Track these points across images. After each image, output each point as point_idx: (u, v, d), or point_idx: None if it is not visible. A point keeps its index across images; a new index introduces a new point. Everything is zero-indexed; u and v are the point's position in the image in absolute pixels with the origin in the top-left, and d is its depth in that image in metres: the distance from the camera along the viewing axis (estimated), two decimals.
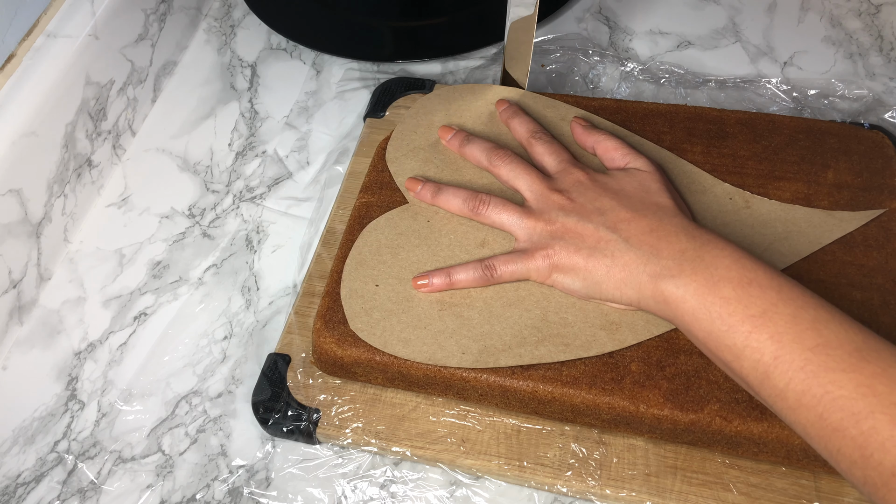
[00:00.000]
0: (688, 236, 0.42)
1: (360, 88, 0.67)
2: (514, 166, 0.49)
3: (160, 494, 0.47)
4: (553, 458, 0.45)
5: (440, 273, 0.47)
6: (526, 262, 0.45)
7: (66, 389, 0.51)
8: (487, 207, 0.48)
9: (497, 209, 0.48)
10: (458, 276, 0.46)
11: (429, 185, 0.51)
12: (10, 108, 0.52)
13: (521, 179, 0.49)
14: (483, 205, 0.48)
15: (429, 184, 0.51)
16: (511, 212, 0.47)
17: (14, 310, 0.53)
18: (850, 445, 0.32)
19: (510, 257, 0.46)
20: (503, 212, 0.48)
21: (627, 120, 0.55)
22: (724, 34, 0.69)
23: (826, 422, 0.33)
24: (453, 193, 0.50)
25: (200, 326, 0.54)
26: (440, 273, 0.47)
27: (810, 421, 0.34)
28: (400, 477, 0.46)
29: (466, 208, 0.49)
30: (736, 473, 0.44)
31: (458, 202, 0.49)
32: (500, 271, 0.46)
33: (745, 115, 0.55)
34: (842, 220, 0.49)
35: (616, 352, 0.44)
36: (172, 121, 0.66)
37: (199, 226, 0.59)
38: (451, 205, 0.49)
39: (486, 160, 0.51)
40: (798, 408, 0.34)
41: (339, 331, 0.46)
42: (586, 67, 0.66)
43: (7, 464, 0.48)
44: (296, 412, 0.47)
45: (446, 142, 0.54)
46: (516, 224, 0.47)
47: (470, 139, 0.52)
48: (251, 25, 0.73)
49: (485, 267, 0.46)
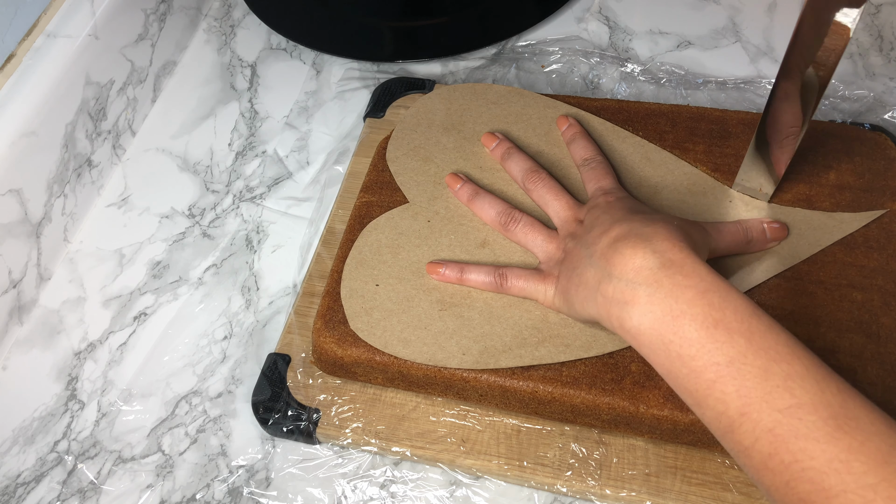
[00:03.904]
0: (649, 251, 0.36)
1: (360, 88, 0.67)
2: (545, 192, 0.48)
3: (160, 494, 0.47)
4: (553, 458, 0.45)
5: (455, 267, 0.47)
6: (536, 283, 0.45)
7: (66, 389, 0.51)
8: (518, 225, 0.48)
9: (525, 229, 0.47)
10: (469, 275, 0.46)
11: (468, 186, 0.50)
12: (10, 108, 0.52)
13: (550, 206, 0.48)
14: (514, 222, 0.48)
15: (468, 185, 0.51)
16: (537, 234, 0.47)
17: (14, 310, 0.53)
18: None
19: (525, 273, 0.45)
20: (529, 232, 0.47)
21: (629, 120, 0.55)
22: (724, 34, 0.69)
23: (793, 491, 0.30)
24: (490, 203, 0.49)
25: (200, 326, 0.54)
26: (455, 267, 0.47)
27: (776, 486, 0.31)
28: (400, 477, 0.46)
29: (498, 222, 0.48)
30: (736, 473, 0.43)
31: (492, 214, 0.49)
32: (511, 283, 0.45)
33: (748, 115, 0.55)
34: (842, 221, 0.49)
35: (616, 352, 0.44)
36: (172, 121, 0.66)
37: (199, 226, 0.59)
38: (485, 214, 0.49)
39: (521, 179, 0.50)
40: (763, 470, 0.31)
41: (339, 331, 0.46)
42: (586, 68, 0.66)
43: (7, 464, 0.48)
44: (296, 412, 0.47)
45: (490, 150, 0.53)
46: (539, 247, 0.47)
47: (511, 153, 0.51)
48: (251, 25, 0.73)
49: (498, 275, 0.46)
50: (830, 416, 0.30)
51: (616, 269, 0.37)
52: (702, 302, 0.34)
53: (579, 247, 0.42)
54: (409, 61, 0.68)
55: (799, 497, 0.30)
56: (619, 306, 0.36)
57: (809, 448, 0.30)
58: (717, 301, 0.34)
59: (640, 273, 0.36)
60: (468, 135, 0.55)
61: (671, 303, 0.34)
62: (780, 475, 0.30)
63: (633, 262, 0.36)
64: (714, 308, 0.33)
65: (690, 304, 0.34)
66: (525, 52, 0.67)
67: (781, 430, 0.30)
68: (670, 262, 0.35)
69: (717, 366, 0.32)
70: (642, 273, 0.36)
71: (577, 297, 0.40)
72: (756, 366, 0.32)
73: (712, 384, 0.33)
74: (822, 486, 0.29)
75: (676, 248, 0.36)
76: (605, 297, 0.37)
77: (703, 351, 0.33)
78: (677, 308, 0.34)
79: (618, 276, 0.37)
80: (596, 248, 0.39)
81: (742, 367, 0.32)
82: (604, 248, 0.39)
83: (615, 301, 0.36)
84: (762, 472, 0.31)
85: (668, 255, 0.36)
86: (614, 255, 0.37)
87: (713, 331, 0.33)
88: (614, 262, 0.37)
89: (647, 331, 0.35)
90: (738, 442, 0.32)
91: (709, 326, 0.33)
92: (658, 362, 0.35)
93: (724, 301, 0.34)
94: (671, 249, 0.36)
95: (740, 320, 0.33)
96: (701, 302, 0.34)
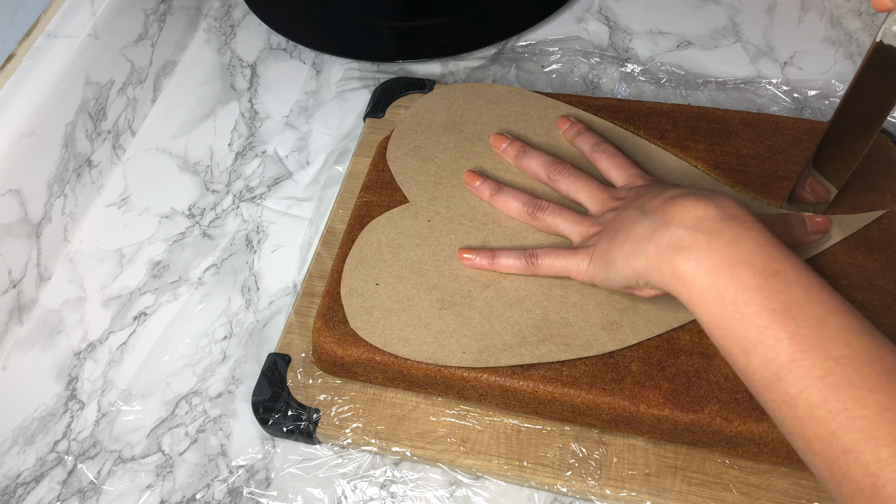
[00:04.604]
0: (710, 203, 0.37)
1: (360, 88, 0.67)
2: (573, 179, 0.48)
3: (160, 494, 0.47)
4: (553, 458, 0.45)
5: (486, 253, 0.47)
6: (567, 259, 0.44)
7: (66, 389, 0.51)
8: (545, 212, 0.47)
9: (554, 213, 0.47)
10: (501, 259, 0.46)
11: (488, 182, 0.50)
12: (10, 108, 0.52)
13: (582, 192, 0.48)
14: (541, 210, 0.48)
15: (488, 181, 0.50)
16: (567, 217, 0.47)
17: (14, 310, 0.53)
18: (860, 471, 0.29)
19: (555, 251, 0.45)
20: (559, 216, 0.47)
21: (630, 118, 0.55)
22: (724, 34, 0.69)
23: (838, 441, 0.30)
24: (513, 196, 0.49)
25: (200, 326, 0.54)
26: (486, 253, 0.47)
27: (819, 436, 0.31)
28: (400, 477, 0.46)
29: (525, 212, 0.48)
30: (736, 473, 0.43)
31: (518, 205, 0.49)
32: (541, 262, 0.45)
33: (749, 115, 0.55)
34: (842, 222, 0.49)
35: (616, 352, 0.44)
36: (172, 121, 0.66)
37: (199, 226, 0.59)
38: (510, 207, 0.49)
39: (544, 174, 0.50)
40: (807, 419, 0.31)
41: (339, 330, 0.46)
42: (586, 68, 0.66)
43: (7, 464, 0.48)
44: (296, 412, 0.47)
45: (500, 151, 0.53)
46: (571, 229, 0.46)
47: (527, 151, 0.51)
48: (251, 25, 0.73)
49: (528, 255, 0.46)
50: (885, 371, 0.30)
51: (675, 218, 0.37)
52: (762, 253, 0.34)
53: (625, 211, 0.42)
54: (409, 61, 0.68)
55: (844, 448, 0.30)
56: (675, 252, 0.36)
57: (863, 397, 0.30)
58: (777, 254, 0.34)
59: (701, 222, 0.36)
60: (468, 134, 0.55)
61: (731, 250, 0.34)
62: (826, 425, 0.30)
63: (696, 211, 0.36)
64: (773, 260, 0.34)
65: (750, 253, 0.34)
66: (525, 52, 0.67)
67: (833, 378, 0.30)
68: (732, 216, 0.36)
69: (773, 312, 0.33)
70: (704, 222, 0.36)
71: (622, 253, 0.39)
72: (812, 316, 0.32)
73: (765, 329, 0.33)
74: (871, 435, 0.29)
75: (738, 206, 0.37)
76: (659, 245, 0.37)
77: (759, 297, 0.33)
78: (737, 255, 0.34)
79: (676, 223, 0.37)
80: (650, 206, 0.39)
81: (798, 315, 0.32)
82: (659, 203, 0.39)
83: (670, 247, 0.36)
84: (805, 421, 0.31)
85: (730, 209, 0.36)
86: (673, 207, 0.37)
87: (772, 279, 0.33)
88: (673, 212, 0.37)
89: (703, 275, 0.35)
90: (784, 391, 0.32)
91: (767, 275, 0.33)
92: (707, 309, 0.35)
93: (784, 255, 0.34)
94: (733, 206, 0.37)
95: (798, 273, 0.33)
96: (761, 253, 0.34)
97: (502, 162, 0.53)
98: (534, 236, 0.49)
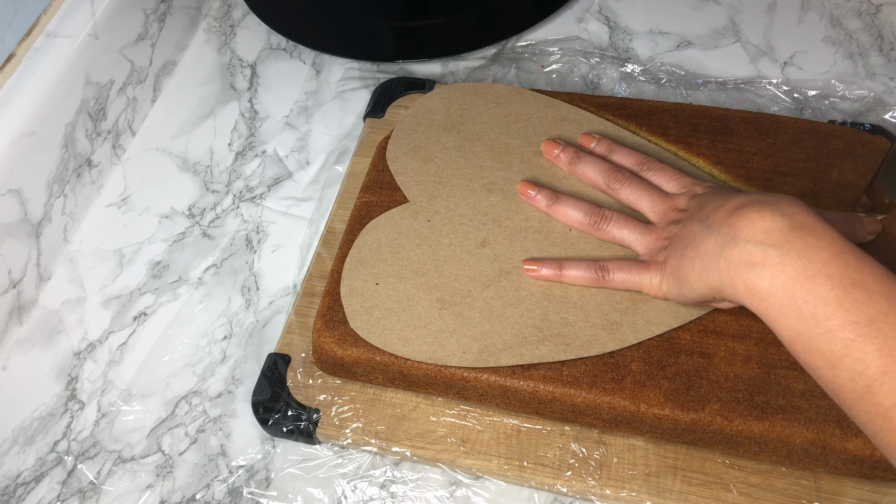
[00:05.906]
0: (777, 213, 0.35)
1: (360, 88, 0.67)
2: (635, 188, 0.47)
3: (160, 494, 0.47)
4: (553, 458, 0.45)
5: (552, 264, 0.46)
6: (640, 273, 0.44)
7: (66, 389, 0.51)
8: (609, 223, 0.46)
9: (619, 224, 0.46)
10: (569, 270, 0.45)
11: (545, 192, 0.49)
12: (10, 108, 0.52)
13: (643, 201, 0.46)
14: (605, 220, 0.47)
15: (545, 191, 0.49)
16: (633, 228, 0.46)
17: (14, 310, 0.53)
18: None
19: (627, 265, 0.44)
20: (625, 227, 0.46)
21: (632, 116, 0.55)
22: (724, 34, 0.69)
23: None
24: (573, 206, 0.48)
25: (200, 326, 0.54)
26: (552, 264, 0.46)
27: None
28: (400, 477, 0.46)
29: (587, 222, 0.47)
30: (736, 473, 0.43)
31: (579, 215, 0.47)
32: (613, 276, 0.44)
33: (750, 114, 0.55)
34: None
35: (617, 351, 0.44)
36: (172, 121, 0.66)
37: (199, 226, 0.59)
38: (571, 217, 0.48)
39: (603, 182, 0.49)
40: None
41: (339, 330, 0.46)
42: (586, 68, 0.66)
43: (7, 464, 0.48)
44: (296, 412, 0.47)
45: (552, 157, 0.51)
46: (636, 240, 0.45)
47: (581, 157, 0.50)
48: (251, 25, 0.73)
49: (598, 268, 0.45)
50: None
51: (742, 232, 0.36)
52: (837, 262, 0.33)
53: (690, 224, 0.41)
54: (409, 61, 0.68)
55: None
56: (747, 269, 0.35)
57: None
58: (853, 262, 0.33)
59: (769, 235, 0.35)
60: (468, 134, 0.55)
61: (805, 263, 0.33)
62: None
63: (762, 223, 0.35)
64: (850, 269, 0.33)
65: (825, 265, 0.33)
66: (525, 52, 0.67)
67: None
68: (800, 225, 0.35)
69: (857, 325, 0.32)
70: (772, 235, 0.35)
71: (694, 270, 0.39)
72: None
73: (850, 343, 0.32)
74: None
75: (805, 212, 0.35)
76: (730, 261, 0.36)
77: (840, 310, 0.32)
78: (812, 268, 0.33)
79: (745, 238, 0.36)
80: (714, 218, 0.38)
81: (883, 325, 0.31)
82: (724, 216, 0.38)
83: (742, 264, 0.35)
84: None
85: (798, 217, 0.35)
86: (738, 220, 0.36)
87: (851, 290, 0.32)
88: (739, 226, 0.36)
89: (779, 291, 0.34)
90: (878, 403, 0.31)
91: (846, 286, 0.32)
92: (786, 325, 0.34)
93: (860, 262, 0.33)
94: (800, 213, 0.35)
95: (879, 281, 0.32)
96: (836, 262, 0.33)
97: (505, 162, 0.53)
98: (533, 236, 0.49)
